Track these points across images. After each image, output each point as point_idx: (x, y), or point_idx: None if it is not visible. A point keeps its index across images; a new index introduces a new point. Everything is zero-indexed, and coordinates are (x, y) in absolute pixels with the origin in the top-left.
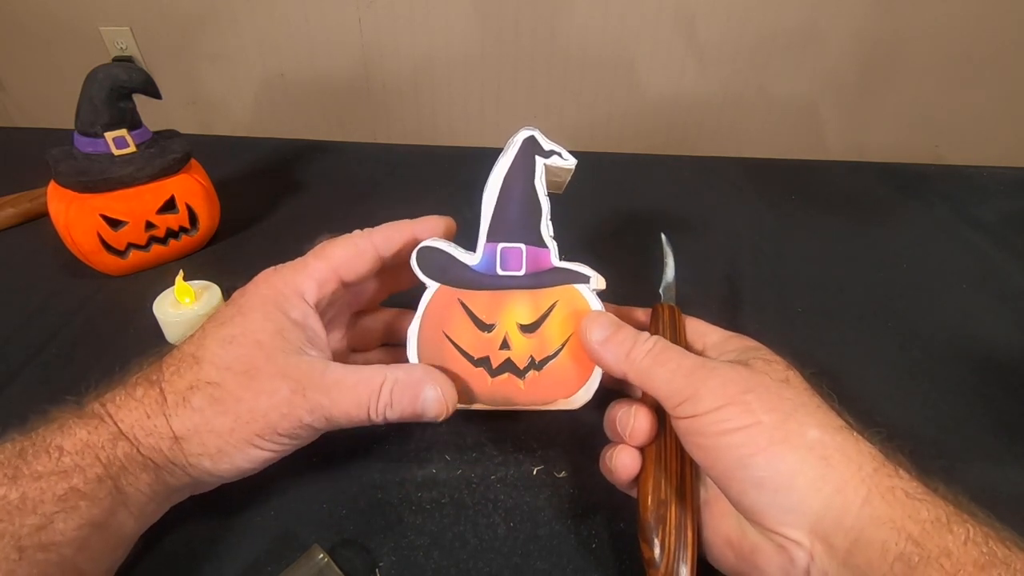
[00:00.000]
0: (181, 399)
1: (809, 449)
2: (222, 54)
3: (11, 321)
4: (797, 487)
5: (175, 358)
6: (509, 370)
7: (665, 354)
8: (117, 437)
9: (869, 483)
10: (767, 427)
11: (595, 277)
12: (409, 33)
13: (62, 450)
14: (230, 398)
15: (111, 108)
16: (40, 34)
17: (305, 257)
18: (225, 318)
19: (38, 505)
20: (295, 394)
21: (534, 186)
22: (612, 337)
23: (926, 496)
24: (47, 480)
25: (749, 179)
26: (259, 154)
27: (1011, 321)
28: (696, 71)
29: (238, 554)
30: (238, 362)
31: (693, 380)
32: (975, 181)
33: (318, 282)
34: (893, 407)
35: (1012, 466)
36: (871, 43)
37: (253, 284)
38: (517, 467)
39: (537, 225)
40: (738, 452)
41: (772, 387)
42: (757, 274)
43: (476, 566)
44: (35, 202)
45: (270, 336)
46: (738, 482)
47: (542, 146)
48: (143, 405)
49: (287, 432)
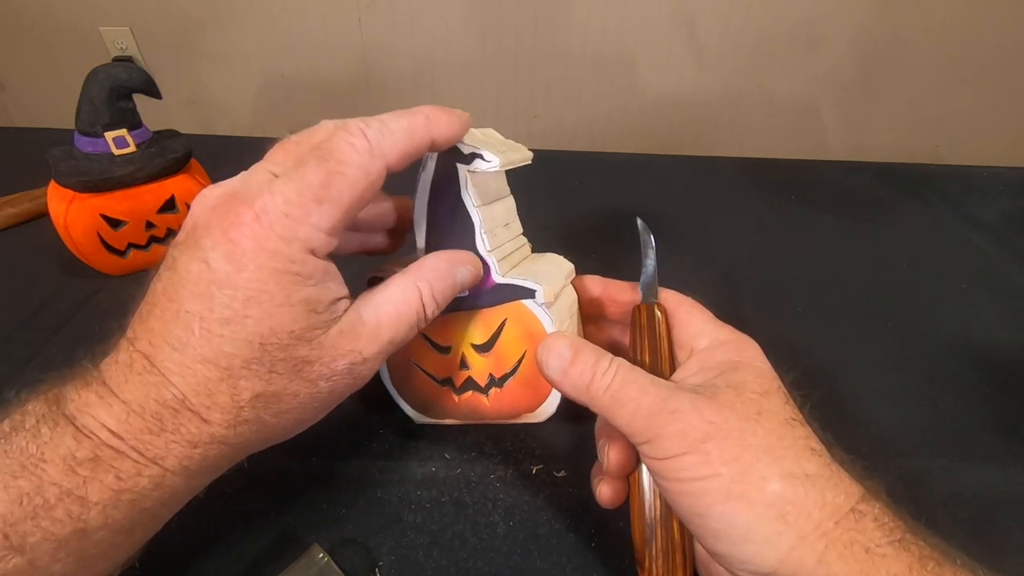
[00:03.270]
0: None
1: (767, 506)
2: (222, 54)
3: (11, 321)
4: (753, 541)
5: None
6: (472, 388)
7: (624, 392)
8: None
9: (827, 539)
10: (725, 480)
11: (540, 290)
12: (409, 33)
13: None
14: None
15: (111, 108)
16: (40, 34)
17: (303, 193)
18: (232, 309)
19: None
20: (353, 366)
21: (462, 199)
22: (569, 369)
23: (888, 548)
24: None
25: (749, 179)
26: (259, 154)
27: (1011, 321)
28: (696, 71)
29: (238, 553)
30: (281, 364)
31: (652, 425)
32: (975, 181)
33: (328, 232)
34: (893, 407)
35: (1012, 466)
36: (871, 43)
37: (247, 253)
38: (516, 466)
39: (472, 241)
40: (694, 501)
41: (735, 431)
42: (757, 274)
43: (476, 565)
44: (35, 202)
45: (302, 321)
46: (695, 527)
47: (460, 151)
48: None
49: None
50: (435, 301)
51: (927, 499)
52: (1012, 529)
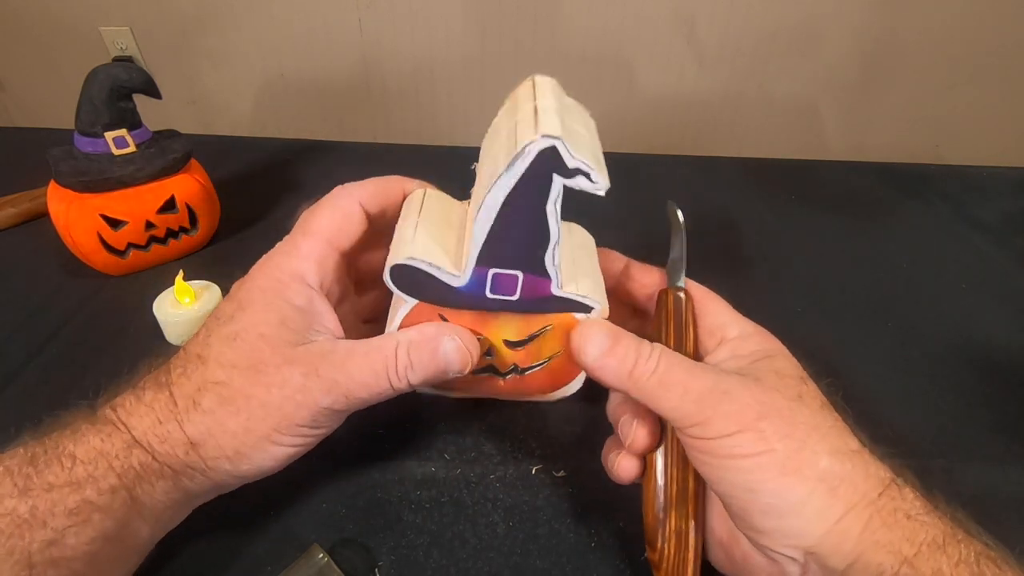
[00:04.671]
0: (191, 402)
1: (819, 480)
2: (222, 54)
3: (11, 321)
4: (803, 515)
5: (181, 359)
6: (490, 372)
7: (671, 375)
8: (131, 445)
9: (872, 508)
10: (780, 456)
11: (599, 308)
12: (409, 33)
13: (75, 459)
14: (240, 396)
15: (111, 108)
16: (40, 34)
17: (293, 236)
18: (226, 315)
19: (49, 519)
20: (307, 378)
21: (545, 211)
22: (610, 352)
23: (926, 516)
24: (59, 492)
25: (749, 179)
26: (259, 154)
27: (1011, 321)
28: (696, 71)
29: (238, 554)
30: (243, 358)
31: (703, 407)
32: (975, 181)
33: (316, 261)
34: (893, 407)
35: (1012, 466)
36: (871, 43)
37: (250, 277)
38: (516, 466)
39: (542, 255)
40: (747, 477)
41: (785, 410)
42: (757, 274)
43: (475, 565)
44: (35, 202)
45: (274, 328)
46: (743, 502)
47: (565, 163)
48: (153, 411)
49: (306, 421)
50: (409, 359)
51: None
52: (1012, 529)
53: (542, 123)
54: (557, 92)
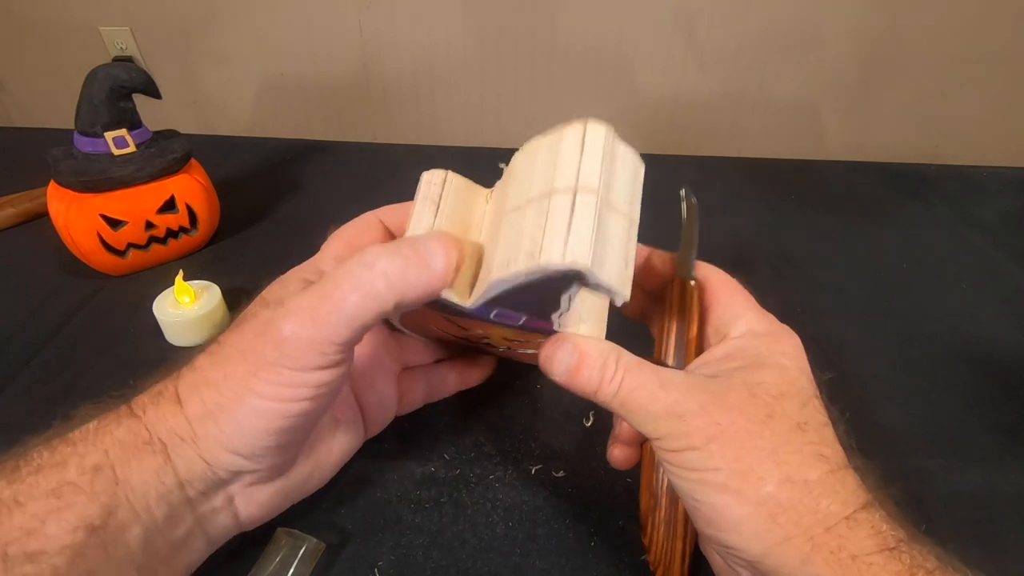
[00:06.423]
0: (189, 367)
1: (759, 504)
2: (222, 54)
3: (11, 321)
4: (740, 533)
5: (190, 366)
6: (485, 346)
7: (632, 397)
8: (123, 415)
9: (813, 543)
10: (723, 475)
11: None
12: (409, 34)
13: (65, 440)
14: (224, 347)
15: (111, 108)
16: (40, 34)
17: (321, 253)
18: (249, 312)
19: (29, 502)
20: (275, 311)
21: (559, 297)
22: (576, 372)
23: (876, 558)
24: (42, 474)
25: (749, 179)
26: (259, 154)
27: (1011, 321)
28: (696, 71)
29: (237, 554)
30: (241, 321)
31: (659, 427)
32: (975, 181)
33: (337, 260)
34: (893, 407)
35: (1012, 466)
36: (871, 43)
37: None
38: (515, 466)
39: (548, 313)
40: (693, 487)
41: (742, 432)
42: (757, 274)
43: (475, 565)
44: (35, 202)
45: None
46: (691, 508)
47: (588, 280)
48: (156, 387)
49: (277, 360)
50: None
51: (927, 499)
52: (1012, 529)
53: (572, 245)
54: (608, 150)
